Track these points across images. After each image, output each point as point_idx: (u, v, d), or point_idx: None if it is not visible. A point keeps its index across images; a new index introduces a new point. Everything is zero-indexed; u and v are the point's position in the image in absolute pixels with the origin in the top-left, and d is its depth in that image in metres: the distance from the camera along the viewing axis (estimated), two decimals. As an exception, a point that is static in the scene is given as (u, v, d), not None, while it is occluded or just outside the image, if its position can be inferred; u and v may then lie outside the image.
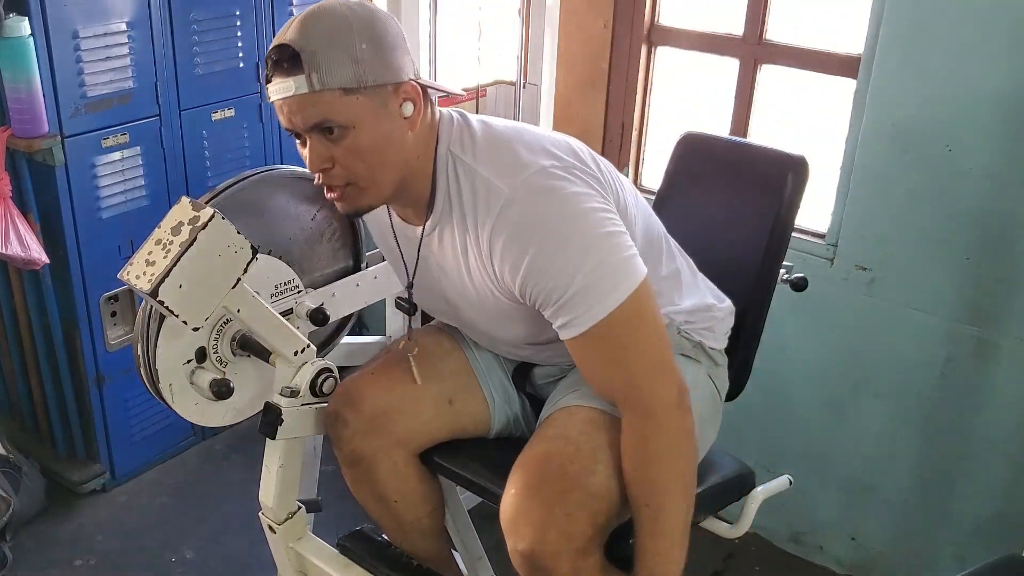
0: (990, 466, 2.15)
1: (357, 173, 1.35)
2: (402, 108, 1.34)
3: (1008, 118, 1.92)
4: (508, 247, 1.33)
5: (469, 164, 1.38)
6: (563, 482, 1.35)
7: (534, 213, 1.32)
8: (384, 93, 1.32)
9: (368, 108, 1.31)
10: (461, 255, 1.42)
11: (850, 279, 2.21)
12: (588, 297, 1.31)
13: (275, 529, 1.73)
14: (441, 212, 1.41)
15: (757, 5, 2.30)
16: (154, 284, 1.34)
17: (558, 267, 1.31)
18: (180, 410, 1.63)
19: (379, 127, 1.32)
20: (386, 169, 1.36)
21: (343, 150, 1.33)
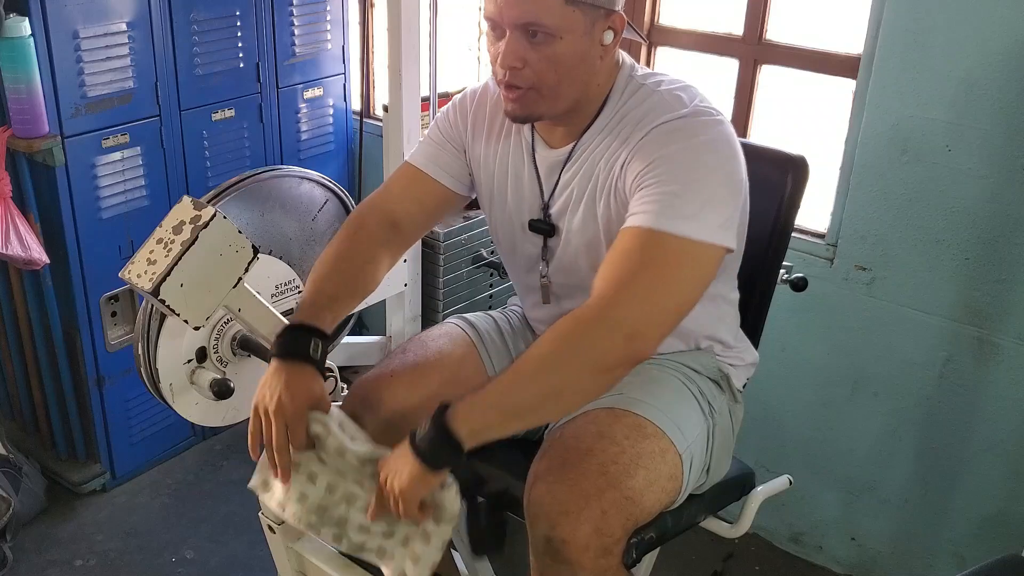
0: (990, 466, 2.15)
1: (545, 80, 1.36)
2: (604, 35, 1.36)
3: (1008, 118, 1.92)
4: (655, 138, 1.36)
5: (651, 86, 1.42)
6: (603, 479, 1.34)
7: (696, 130, 1.35)
8: (596, 14, 1.34)
9: (579, 23, 1.33)
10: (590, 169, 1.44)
11: (850, 279, 2.22)
12: (684, 208, 1.31)
13: (275, 529, 1.73)
14: (603, 126, 1.44)
15: (757, 5, 2.30)
16: (155, 283, 1.34)
17: (687, 168, 1.33)
18: (180, 410, 1.63)
19: (580, 44, 1.34)
20: (573, 84, 1.38)
21: (541, 55, 1.34)
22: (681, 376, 1.54)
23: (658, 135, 1.36)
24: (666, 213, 1.31)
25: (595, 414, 1.44)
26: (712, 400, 1.55)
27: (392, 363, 1.65)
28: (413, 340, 1.71)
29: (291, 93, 2.79)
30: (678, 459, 1.43)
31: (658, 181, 1.34)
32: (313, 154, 2.92)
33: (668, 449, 1.42)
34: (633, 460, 1.37)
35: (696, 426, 1.49)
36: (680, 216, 1.31)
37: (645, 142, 1.37)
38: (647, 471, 1.38)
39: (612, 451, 1.37)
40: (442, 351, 1.65)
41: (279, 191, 1.74)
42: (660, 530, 1.44)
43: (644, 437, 1.41)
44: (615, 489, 1.34)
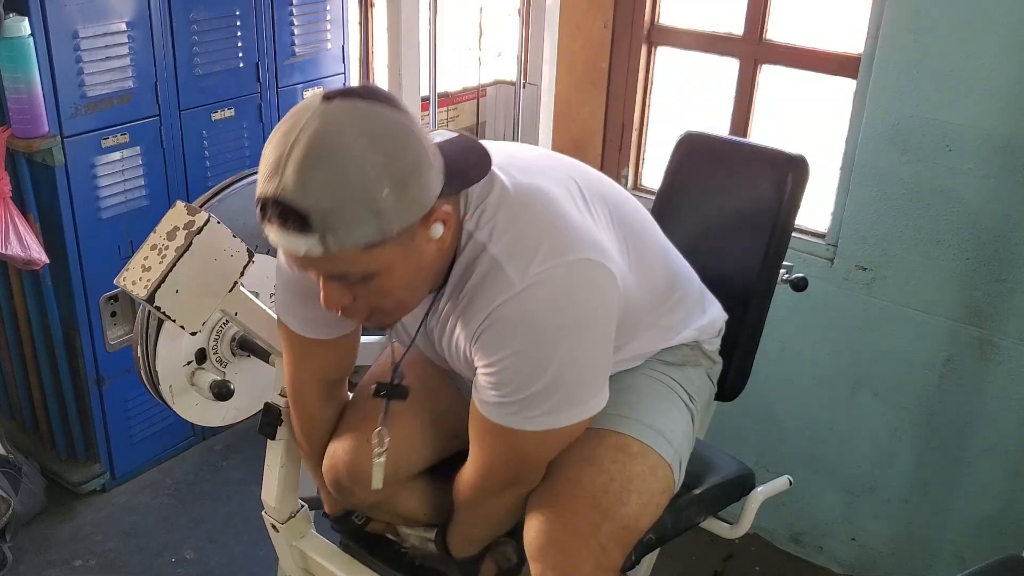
0: (990, 466, 2.15)
1: (383, 306, 1.21)
2: (431, 231, 1.15)
3: (1008, 117, 1.92)
4: (490, 338, 1.21)
5: (482, 243, 1.21)
6: (596, 513, 1.33)
7: (530, 312, 1.18)
8: (412, 231, 1.12)
9: (395, 253, 1.12)
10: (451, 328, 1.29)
11: (850, 279, 2.21)
12: (530, 410, 1.23)
13: (278, 528, 1.73)
14: (449, 293, 1.27)
15: (757, 5, 2.30)
16: (150, 290, 1.34)
17: (524, 373, 1.21)
18: (180, 411, 1.63)
19: (407, 265, 1.15)
20: (416, 293, 1.23)
21: (367, 291, 1.17)
22: (655, 375, 1.49)
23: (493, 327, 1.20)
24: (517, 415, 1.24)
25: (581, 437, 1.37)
26: (689, 387, 1.51)
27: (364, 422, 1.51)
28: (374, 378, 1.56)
29: (291, 93, 2.79)
30: (668, 471, 1.41)
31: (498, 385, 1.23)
32: (313, 154, 2.91)
33: (657, 464, 1.39)
34: (623, 486, 1.35)
35: (680, 424, 1.46)
36: (533, 416, 1.24)
37: (482, 334, 1.22)
38: (639, 495, 1.36)
39: (601, 480, 1.35)
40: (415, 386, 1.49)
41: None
42: (659, 531, 1.43)
43: (631, 458, 1.38)
44: (611, 521, 1.33)
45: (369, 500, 1.56)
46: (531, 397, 1.22)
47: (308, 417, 1.55)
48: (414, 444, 1.54)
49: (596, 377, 1.27)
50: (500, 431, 1.28)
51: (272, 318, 1.54)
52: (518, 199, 1.23)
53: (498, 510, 1.45)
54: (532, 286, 1.17)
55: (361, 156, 1.05)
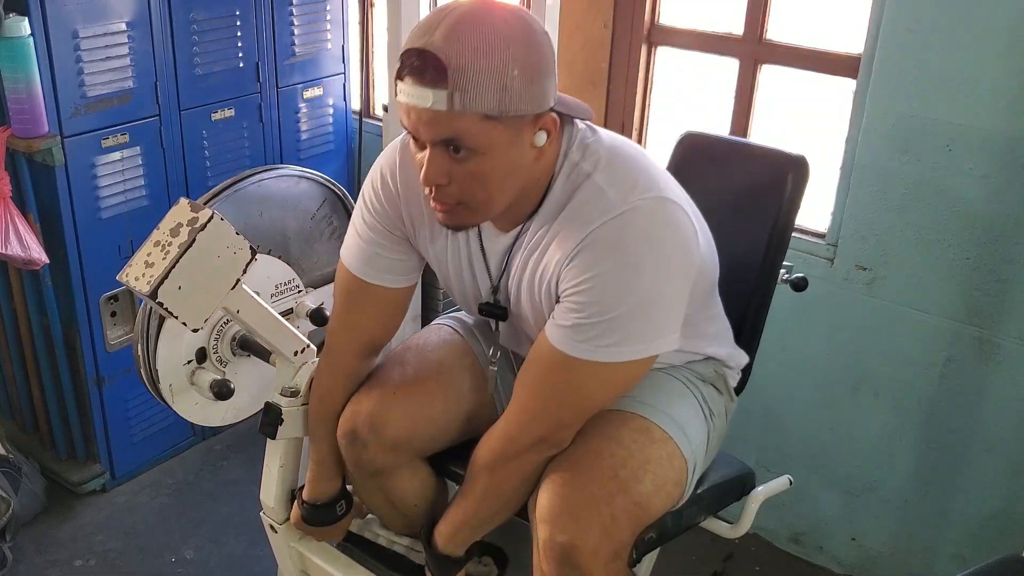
0: (990, 466, 2.15)
1: (473, 195, 1.27)
2: (535, 137, 1.26)
3: (1008, 117, 1.92)
4: (586, 253, 1.27)
5: (587, 172, 1.31)
6: (613, 484, 1.35)
7: (627, 236, 1.26)
8: (523, 123, 1.23)
9: (503, 136, 1.22)
10: (539, 254, 1.35)
11: (850, 279, 2.21)
12: (605, 337, 1.27)
13: (277, 529, 1.73)
14: (544, 217, 1.34)
15: (757, 5, 2.30)
16: (153, 286, 1.34)
17: (609, 295, 1.26)
18: (180, 410, 1.63)
19: (508, 156, 1.24)
20: (504, 194, 1.29)
21: (465, 171, 1.24)
22: (685, 381, 1.54)
23: (587, 247, 1.27)
24: (590, 342, 1.28)
25: (603, 415, 1.44)
26: (712, 404, 1.55)
27: (392, 379, 1.59)
28: (410, 349, 1.65)
29: (291, 93, 2.79)
30: (683, 464, 1.43)
31: (577, 308, 1.28)
32: (313, 154, 2.92)
33: (674, 454, 1.42)
34: (641, 465, 1.38)
35: (699, 431, 1.50)
36: (605, 344, 1.28)
37: (575, 254, 1.28)
38: (654, 476, 1.38)
39: (620, 455, 1.38)
40: (443, 364, 1.61)
41: (277, 190, 1.74)
42: (660, 530, 1.44)
43: (651, 442, 1.41)
44: (625, 494, 1.35)
45: (377, 461, 1.57)
46: (612, 320, 1.26)
47: (340, 373, 1.59)
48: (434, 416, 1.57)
49: (672, 315, 1.32)
50: (564, 363, 1.30)
51: (274, 317, 1.55)
52: (621, 145, 1.36)
53: (513, 476, 1.42)
54: (632, 211, 1.26)
55: (506, 37, 1.18)
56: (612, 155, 1.33)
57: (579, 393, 1.35)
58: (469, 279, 1.49)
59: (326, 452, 1.62)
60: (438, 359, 1.61)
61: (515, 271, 1.41)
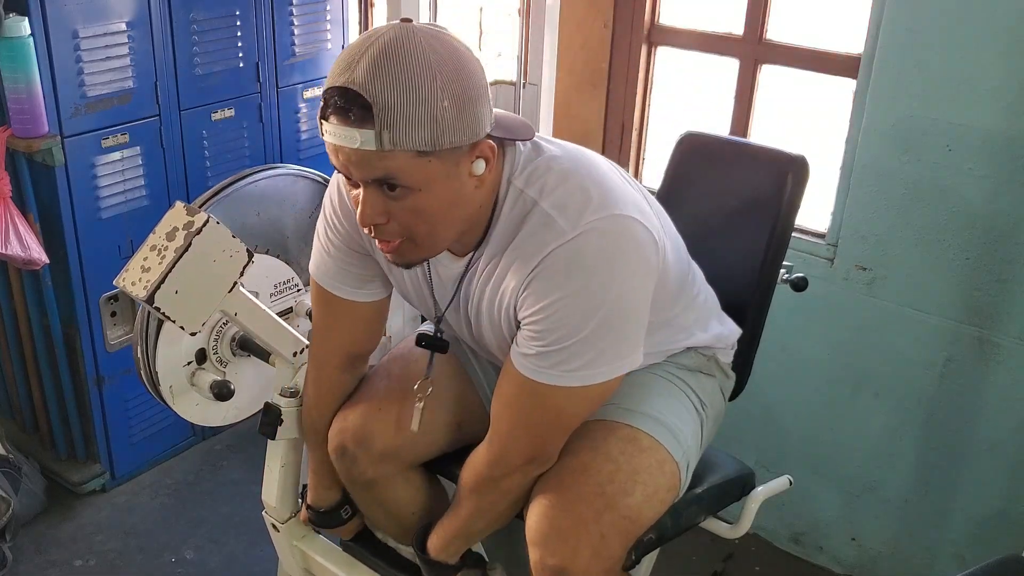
0: (990, 466, 2.15)
1: (415, 231, 1.24)
2: (473, 166, 1.21)
3: (1008, 117, 1.92)
4: (540, 280, 1.24)
5: (533, 199, 1.26)
6: (600, 501, 1.34)
7: (582, 257, 1.23)
8: (458, 154, 1.18)
9: (439, 171, 1.18)
10: (495, 284, 1.32)
11: (850, 279, 2.21)
12: (571, 361, 1.25)
13: (279, 528, 1.73)
14: (493, 248, 1.31)
15: (757, 5, 2.30)
16: (150, 291, 1.34)
17: (568, 322, 1.24)
18: (180, 411, 1.63)
19: (447, 189, 1.20)
20: (448, 227, 1.26)
21: (403, 208, 1.21)
22: (669, 376, 1.51)
23: (541, 274, 1.24)
24: (556, 368, 1.26)
25: (588, 426, 1.42)
26: (702, 394, 1.53)
27: (377, 393, 1.58)
28: (394, 361, 1.63)
29: (291, 93, 2.79)
30: (675, 468, 1.42)
31: (539, 337, 1.26)
32: (313, 154, 2.91)
33: (665, 460, 1.41)
34: (630, 477, 1.36)
35: (690, 426, 1.48)
36: (571, 369, 1.26)
37: (529, 282, 1.25)
38: (644, 487, 1.37)
39: (608, 469, 1.36)
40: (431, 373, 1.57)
41: (275, 190, 1.73)
42: (660, 531, 1.43)
43: (640, 451, 1.39)
44: (613, 510, 1.34)
45: (368, 473, 1.57)
46: (575, 345, 1.24)
47: (324, 385, 1.58)
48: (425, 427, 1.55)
49: (636, 332, 1.30)
50: (533, 390, 1.29)
51: (272, 319, 1.55)
52: (567, 163, 1.29)
53: (503, 498, 1.43)
54: (584, 233, 1.22)
55: (431, 67, 1.13)
56: (558, 177, 1.27)
57: (554, 415, 1.34)
58: (428, 301, 1.47)
59: (320, 461, 1.63)
60: (422, 368, 1.55)
61: (473, 297, 1.37)
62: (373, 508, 1.67)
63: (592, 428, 1.40)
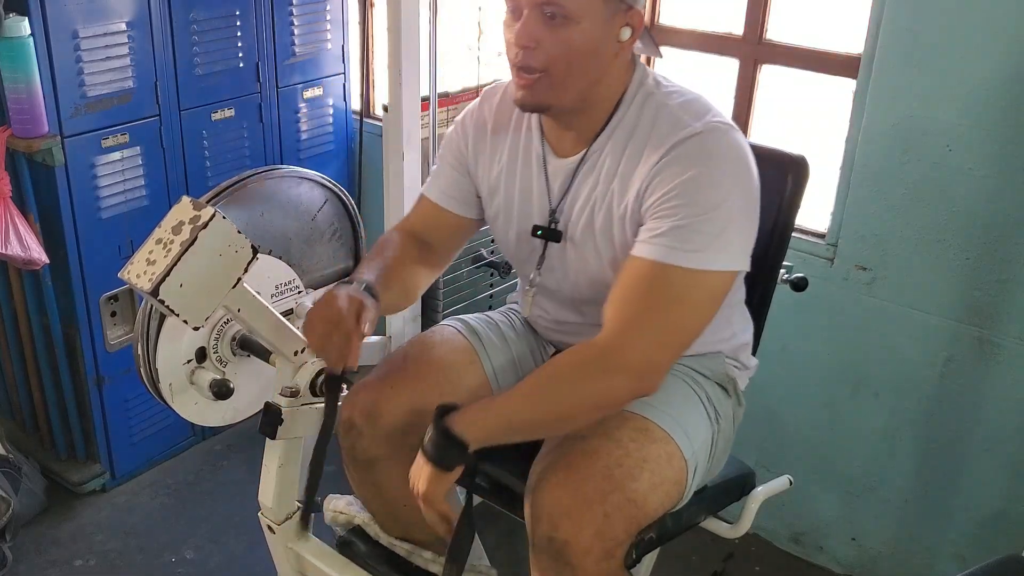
0: (990, 466, 2.15)
1: (556, 65, 1.34)
2: (621, 31, 1.36)
3: (1008, 117, 1.92)
4: (673, 163, 1.34)
5: (660, 99, 1.41)
6: (608, 483, 1.35)
7: (714, 149, 1.35)
8: (617, 7, 1.34)
9: (599, 11, 1.32)
10: (606, 181, 1.42)
11: (850, 279, 2.22)
12: (695, 241, 1.32)
13: (274, 529, 1.73)
14: (611, 136, 1.43)
15: (757, 5, 2.30)
16: (155, 283, 1.34)
17: (702, 197, 1.32)
18: (180, 410, 1.63)
19: (596, 32, 1.34)
20: (583, 75, 1.37)
21: (555, 38, 1.33)
22: (690, 381, 1.54)
23: (674, 159, 1.35)
24: (676, 247, 1.32)
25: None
26: (718, 406, 1.55)
27: (391, 371, 1.63)
28: (413, 344, 1.69)
29: (291, 93, 2.79)
30: (683, 464, 1.43)
31: (672, 213, 1.33)
32: (313, 154, 2.92)
33: (674, 454, 1.42)
34: (638, 463, 1.38)
35: (702, 432, 1.49)
36: (691, 250, 1.32)
37: (661, 167, 1.35)
38: (652, 474, 1.38)
39: (617, 453, 1.38)
40: (443, 360, 1.63)
41: (278, 191, 1.74)
42: (660, 530, 1.44)
43: (651, 441, 1.41)
44: (619, 492, 1.35)
45: (371, 451, 1.58)
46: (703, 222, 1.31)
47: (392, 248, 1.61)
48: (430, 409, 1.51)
49: (751, 232, 1.39)
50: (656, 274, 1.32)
51: (275, 317, 1.55)
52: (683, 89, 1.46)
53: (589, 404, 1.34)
54: (711, 130, 1.36)
55: None
56: (681, 91, 1.44)
57: (672, 307, 1.33)
58: (522, 204, 1.54)
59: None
60: (439, 355, 1.63)
61: (582, 192, 1.46)
62: (369, 491, 1.68)
63: (606, 417, 1.42)
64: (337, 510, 1.75)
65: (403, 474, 1.61)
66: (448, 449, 1.35)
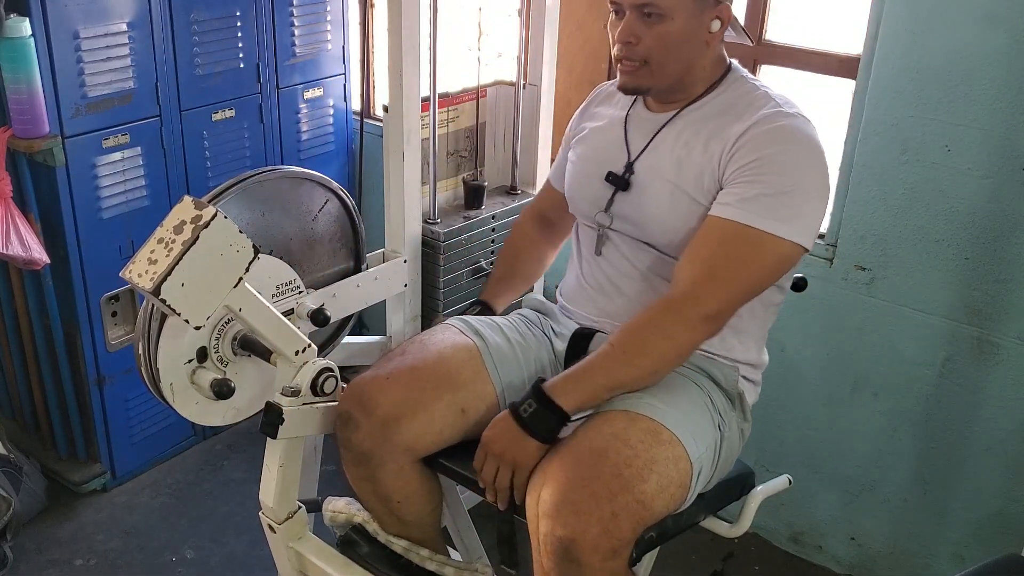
0: (990, 466, 2.15)
1: (654, 55, 1.52)
2: (711, 23, 1.52)
3: (1007, 118, 1.92)
4: (763, 136, 1.47)
5: (756, 84, 1.58)
6: (616, 482, 1.36)
7: (797, 133, 1.48)
8: (706, 3, 1.50)
9: (689, 6, 1.49)
10: (689, 144, 1.55)
11: (850, 279, 2.22)
12: (779, 210, 1.44)
13: (275, 529, 1.73)
14: (704, 105, 1.58)
15: (757, 5, 2.31)
16: (156, 282, 1.34)
17: (787, 172, 1.45)
18: (181, 409, 1.63)
19: (688, 25, 1.50)
20: (678, 61, 1.54)
21: (653, 33, 1.51)
22: (698, 384, 1.55)
23: (763, 131, 1.48)
24: (761, 212, 1.44)
25: (611, 415, 1.45)
26: (723, 414, 1.56)
27: (390, 364, 1.65)
28: (413, 341, 1.72)
29: (291, 93, 2.80)
30: (689, 467, 1.44)
31: (758, 180, 1.46)
32: (313, 154, 2.92)
33: (681, 457, 1.43)
34: (647, 464, 1.39)
35: (708, 437, 1.51)
36: (773, 216, 1.44)
37: (749, 138, 1.48)
38: (659, 476, 1.39)
39: (626, 454, 1.39)
40: (442, 355, 1.65)
41: (280, 191, 1.74)
42: (661, 530, 1.44)
43: (659, 443, 1.42)
44: (627, 492, 1.36)
45: (365, 444, 1.60)
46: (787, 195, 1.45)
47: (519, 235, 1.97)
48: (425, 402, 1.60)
49: (822, 213, 1.51)
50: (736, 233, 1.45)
51: (276, 316, 1.55)
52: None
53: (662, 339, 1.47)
54: (798, 116, 1.51)
55: None
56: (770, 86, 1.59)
57: (745, 263, 1.46)
58: (605, 153, 1.67)
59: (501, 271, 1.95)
60: (437, 351, 1.65)
61: (666, 143, 1.59)
62: (365, 487, 1.68)
63: (615, 417, 1.44)
64: (336, 510, 1.76)
65: (397, 468, 1.62)
66: (547, 418, 1.45)
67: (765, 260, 1.47)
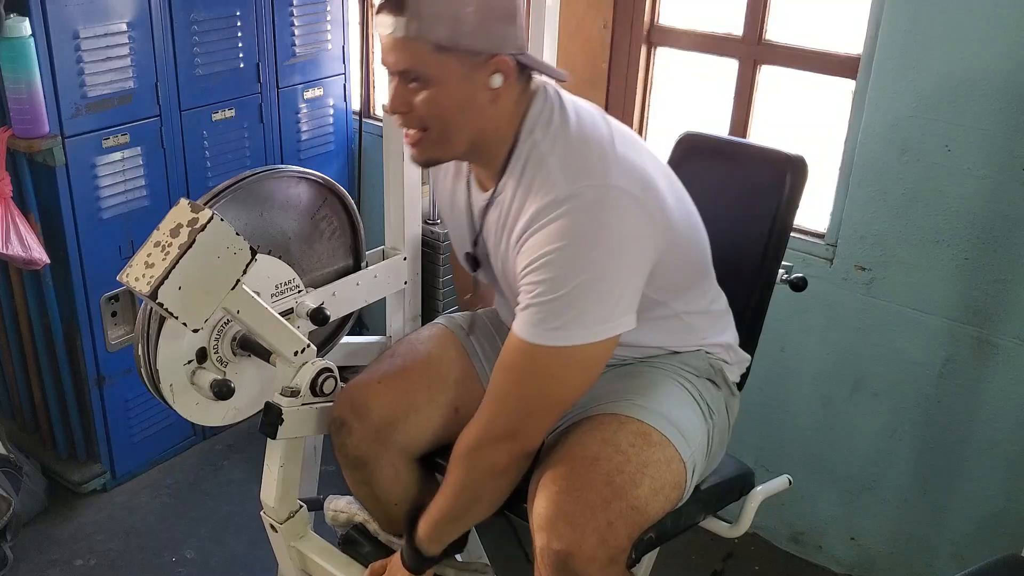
0: (990, 466, 2.15)
1: (431, 124, 1.38)
2: (490, 79, 1.34)
3: (1007, 118, 1.92)
4: (536, 233, 1.34)
5: (542, 151, 1.39)
6: (609, 490, 1.35)
7: (569, 220, 1.31)
8: (475, 61, 1.32)
9: (454, 70, 1.32)
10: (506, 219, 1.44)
11: (849, 279, 2.22)
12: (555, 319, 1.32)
13: (277, 528, 1.74)
14: (504, 185, 1.43)
15: (757, 5, 2.30)
16: (153, 286, 1.34)
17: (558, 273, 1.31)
18: (181, 410, 1.63)
19: (460, 90, 1.34)
20: (459, 130, 1.38)
21: (421, 101, 1.35)
22: (681, 379, 1.54)
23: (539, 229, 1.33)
24: (540, 325, 1.33)
25: (599, 419, 1.44)
26: (711, 402, 1.55)
27: (380, 368, 1.66)
28: (402, 343, 1.73)
29: (291, 93, 2.80)
30: (682, 466, 1.43)
31: (532, 288, 1.33)
32: (313, 154, 2.92)
33: (673, 457, 1.42)
34: (639, 469, 1.38)
35: (698, 431, 1.50)
36: (554, 327, 1.32)
37: (529, 234, 1.35)
38: (652, 480, 1.38)
39: (617, 460, 1.38)
40: (430, 355, 1.66)
41: (278, 191, 1.74)
42: (660, 530, 1.44)
43: (649, 445, 1.41)
44: (621, 499, 1.35)
45: (360, 449, 1.61)
46: (556, 302, 1.31)
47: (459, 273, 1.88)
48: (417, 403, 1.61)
49: (623, 297, 1.35)
50: (522, 350, 1.35)
51: (274, 317, 1.55)
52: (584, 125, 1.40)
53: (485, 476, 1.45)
54: (577, 196, 1.31)
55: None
56: (571, 136, 1.38)
57: (540, 382, 1.38)
58: (457, 232, 1.61)
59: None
60: (426, 351, 1.66)
61: (491, 226, 1.48)
62: (362, 490, 1.69)
63: (603, 422, 1.44)
64: (337, 509, 1.76)
65: (393, 472, 1.63)
66: (420, 561, 1.56)
67: (557, 373, 1.37)
